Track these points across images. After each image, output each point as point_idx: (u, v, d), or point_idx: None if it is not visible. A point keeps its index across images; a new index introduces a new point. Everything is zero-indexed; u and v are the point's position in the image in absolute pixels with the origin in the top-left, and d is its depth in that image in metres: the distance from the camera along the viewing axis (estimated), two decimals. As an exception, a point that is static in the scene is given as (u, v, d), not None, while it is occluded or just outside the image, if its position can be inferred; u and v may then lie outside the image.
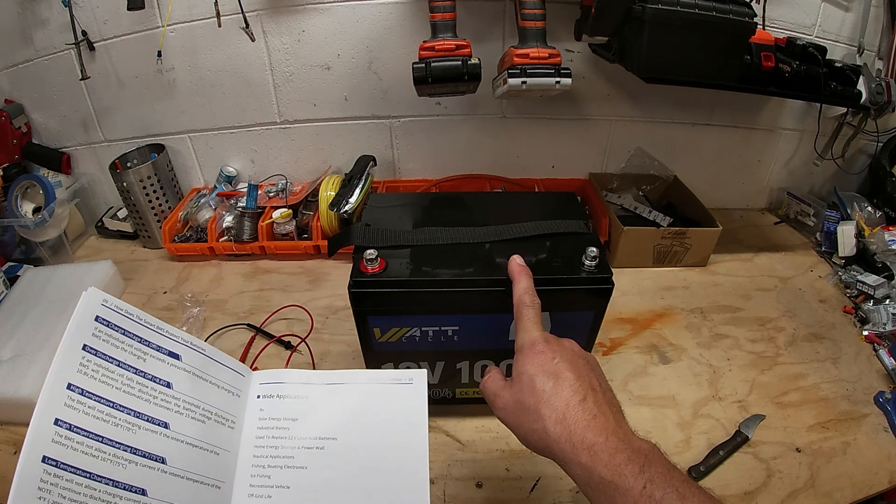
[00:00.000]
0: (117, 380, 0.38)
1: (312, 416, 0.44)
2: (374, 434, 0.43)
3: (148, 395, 0.39)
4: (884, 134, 1.02)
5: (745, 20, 0.71)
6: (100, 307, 0.39)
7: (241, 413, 0.45)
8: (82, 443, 0.35)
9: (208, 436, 0.42)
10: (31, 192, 0.96)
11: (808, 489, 0.59)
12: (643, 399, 0.70)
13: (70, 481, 0.33)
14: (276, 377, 0.47)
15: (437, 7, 0.74)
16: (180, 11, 0.88)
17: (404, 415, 0.44)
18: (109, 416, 0.37)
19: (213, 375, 0.44)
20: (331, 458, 0.42)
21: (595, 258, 0.52)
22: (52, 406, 0.35)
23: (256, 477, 0.42)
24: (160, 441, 0.39)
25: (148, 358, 0.40)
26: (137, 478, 0.36)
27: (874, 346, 0.78)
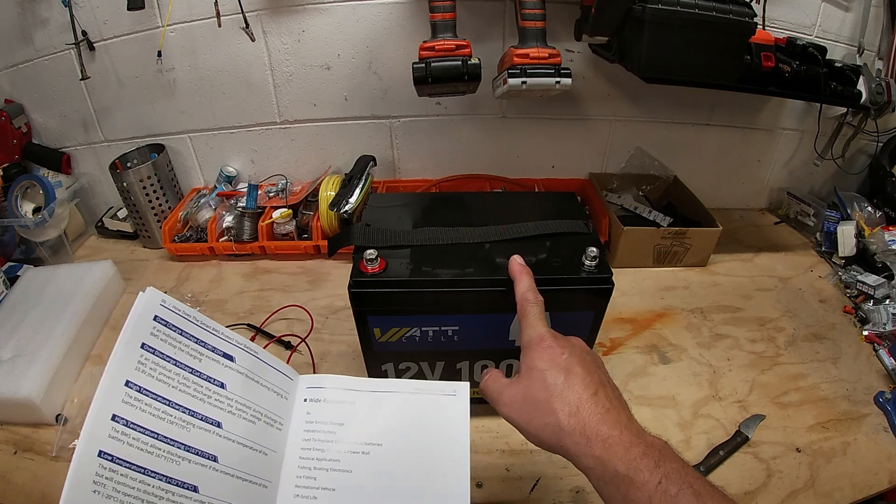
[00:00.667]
0: (174, 378, 0.39)
1: (358, 422, 0.45)
2: (418, 442, 0.44)
3: (203, 395, 0.40)
4: (884, 134, 1.02)
5: (745, 20, 0.71)
6: (158, 307, 0.39)
7: (289, 415, 0.46)
8: (138, 439, 0.36)
9: (258, 436, 0.43)
10: (31, 192, 0.96)
11: (808, 489, 0.59)
12: (643, 399, 0.70)
13: (125, 476, 0.34)
14: (322, 382, 0.48)
15: (437, 7, 0.74)
16: (180, 11, 0.88)
17: (447, 425, 0.44)
18: (165, 414, 0.37)
19: (264, 377, 0.45)
20: (376, 463, 0.43)
21: (595, 258, 0.52)
22: (109, 402, 0.35)
23: (302, 478, 0.43)
24: (213, 440, 0.39)
25: (203, 358, 0.41)
26: (190, 475, 0.37)
27: (874, 346, 0.78)
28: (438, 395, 0.46)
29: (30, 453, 0.62)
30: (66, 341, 0.71)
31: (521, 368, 0.41)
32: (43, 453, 0.62)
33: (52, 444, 0.62)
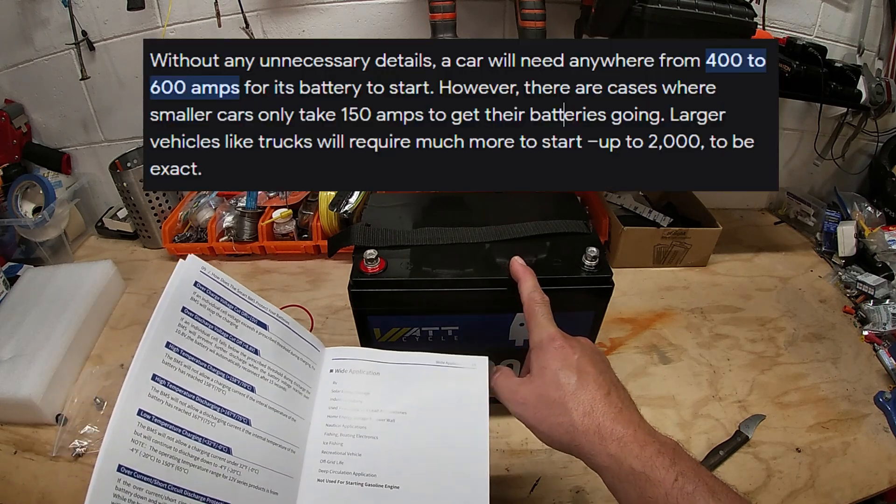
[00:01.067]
0: (212, 342, 0.40)
1: (383, 392, 0.46)
2: (441, 412, 0.45)
3: (238, 360, 0.41)
4: (884, 134, 1.02)
5: (745, 20, 0.71)
6: (199, 273, 0.41)
7: (316, 384, 0.47)
8: (177, 399, 0.37)
9: (288, 402, 0.44)
10: (31, 192, 0.96)
11: (808, 489, 0.59)
12: (643, 399, 0.70)
13: (162, 435, 0.35)
14: (348, 354, 0.49)
15: (437, 7, 0.74)
16: (180, 11, 0.88)
17: (467, 397, 0.46)
18: (203, 376, 0.39)
19: (295, 347, 0.47)
20: (401, 431, 0.44)
21: (595, 258, 0.52)
22: (150, 363, 0.36)
23: (329, 444, 0.44)
24: (247, 403, 0.41)
25: (239, 325, 0.43)
26: (224, 436, 0.38)
27: (874, 346, 0.78)
28: (459, 368, 0.47)
29: (30, 453, 0.62)
30: (66, 341, 0.71)
31: (532, 368, 0.41)
32: (43, 453, 0.62)
33: (52, 444, 0.62)
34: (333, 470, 0.43)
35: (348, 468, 0.43)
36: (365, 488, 0.42)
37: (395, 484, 0.42)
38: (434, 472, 0.43)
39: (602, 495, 0.58)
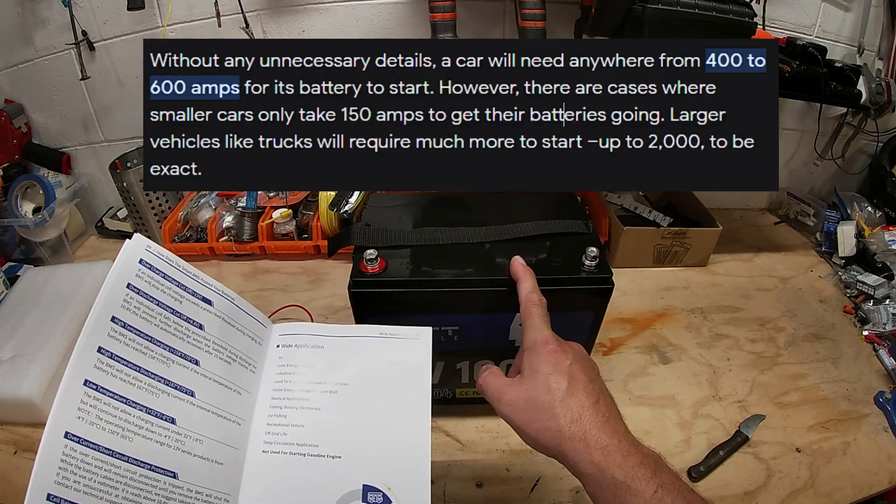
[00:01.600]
0: (156, 317, 0.41)
1: (328, 365, 0.47)
2: (383, 382, 0.46)
3: (182, 334, 0.42)
4: (884, 134, 1.02)
5: (745, 20, 0.71)
6: (144, 251, 0.42)
7: (262, 360, 0.48)
8: (121, 370, 0.38)
9: (233, 376, 0.45)
10: (31, 192, 0.96)
11: (808, 489, 0.59)
12: (643, 399, 0.70)
13: (108, 405, 0.36)
14: (295, 329, 0.50)
15: (437, 7, 0.74)
16: (180, 11, 0.88)
17: (411, 367, 0.47)
18: (147, 349, 0.40)
19: (240, 322, 0.47)
20: (343, 402, 0.45)
21: (595, 258, 0.52)
22: (96, 336, 0.38)
23: (274, 416, 0.45)
24: (190, 376, 0.42)
25: (184, 301, 0.44)
26: (168, 407, 0.40)
27: (874, 346, 0.78)
28: (403, 339, 0.48)
29: (30, 453, 0.62)
30: (66, 341, 0.70)
31: (523, 370, 0.41)
32: (43, 453, 0.62)
33: (52, 444, 0.62)
34: (278, 441, 0.44)
35: (292, 439, 0.44)
36: (308, 458, 0.43)
37: (337, 454, 0.43)
38: (375, 442, 0.44)
39: (602, 495, 0.58)
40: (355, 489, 0.42)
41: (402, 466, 0.43)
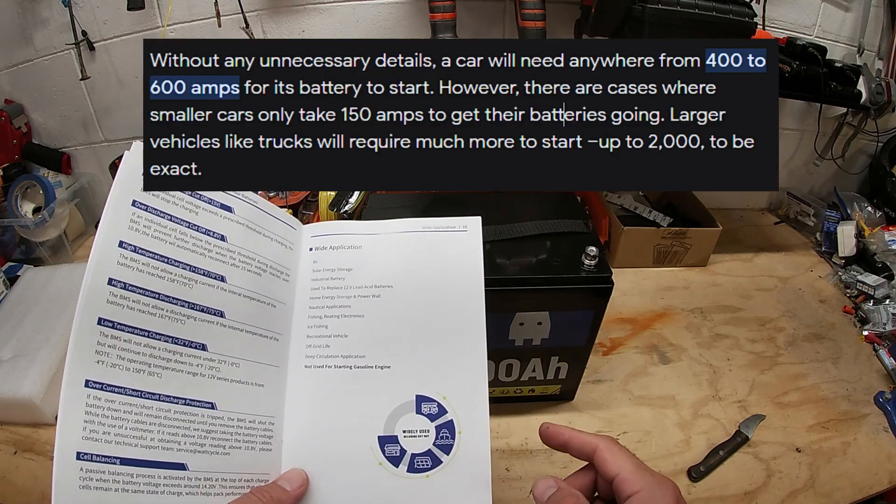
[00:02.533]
0: (170, 235, 0.37)
1: (367, 266, 0.43)
2: (431, 281, 0.42)
3: (202, 249, 0.38)
4: (884, 134, 1.02)
5: (745, 20, 0.71)
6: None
7: (295, 266, 0.44)
8: (138, 301, 0.34)
9: (264, 288, 0.41)
10: (31, 192, 0.96)
11: (808, 489, 0.59)
12: (643, 399, 0.70)
13: (128, 341, 0.33)
14: (328, 229, 0.46)
15: (437, 7, 0.74)
16: (180, 11, 0.88)
17: (460, 262, 0.43)
18: (165, 272, 0.36)
19: (267, 228, 0.43)
20: (388, 306, 0.41)
21: (595, 258, 0.52)
22: (104, 266, 0.33)
23: (314, 328, 0.41)
24: (217, 294, 0.38)
25: (200, 211, 0.39)
26: (197, 333, 0.36)
27: (874, 346, 0.78)
28: (449, 232, 0.44)
29: (30, 453, 0.62)
30: (66, 341, 0.70)
31: None
32: (43, 453, 0.62)
33: (52, 444, 0.62)
34: (320, 354, 0.40)
35: (335, 351, 0.40)
36: (355, 371, 0.40)
37: (386, 363, 0.40)
38: (427, 348, 0.40)
39: (602, 495, 0.58)
40: (408, 400, 0.39)
41: (456, 374, 0.39)
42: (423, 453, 0.38)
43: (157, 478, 0.33)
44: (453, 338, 0.40)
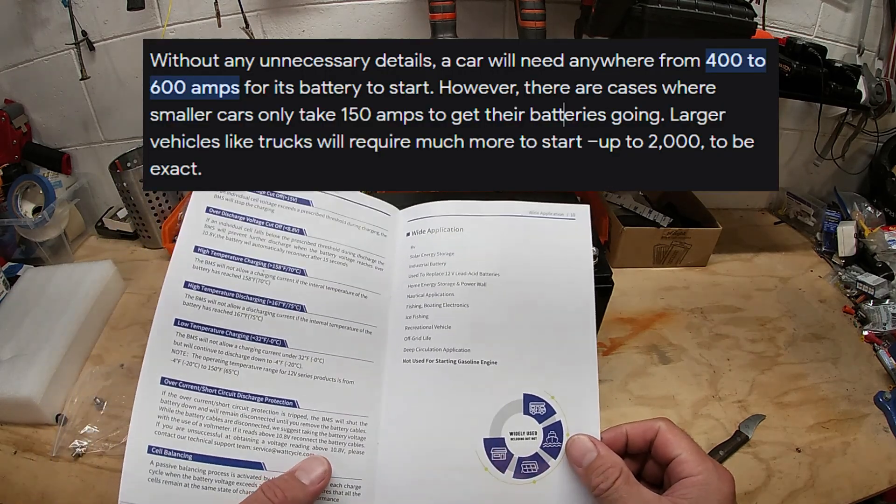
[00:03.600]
0: (245, 235, 0.38)
1: (470, 250, 0.40)
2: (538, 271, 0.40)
3: (280, 245, 0.38)
4: (884, 134, 1.02)
5: (745, 20, 0.71)
6: None
7: (391, 253, 0.42)
8: (214, 301, 0.35)
9: (352, 279, 0.39)
10: (31, 192, 0.96)
11: (808, 489, 0.59)
12: (643, 399, 0.70)
13: (204, 340, 0.34)
14: (426, 211, 0.43)
15: (437, 7, 0.74)
16: (180, 11, 0.88)
17: (568, 251, 0.40)
18: (240, 271, 0.36)
19: (352, 216, 0.42)
20: (494, 296, 0.39)
21: (594, 257, 0.52)
22: (181, 271, 0.35)
23: (413, 318, 0.39)
24: (296, 288, 0.37)
25: (276, 208, 0.40)
26: (275, 329, 0.36)
27: (874, 346, 0.78)
28: (557, 220, 0.41)
29: (30, 453, 0.62)
30: (66, 341, 0.71)
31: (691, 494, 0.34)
32: (43, 453, 0.62)
33: (52, 444, 0.62)
34: (420, 347, 0.38)
35: (437, 344, 0.38)
36: (459, 366, 0.37)
37: (493, 359, 0.37)
38: (534, 344, 0.38)
39: (602, 495, 0.58)
40: (515, 400, 0.36)
41: (565, 372, 0.37)
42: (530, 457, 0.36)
43: (231, 475, 0.32)
44: (562, 333, 0.38)
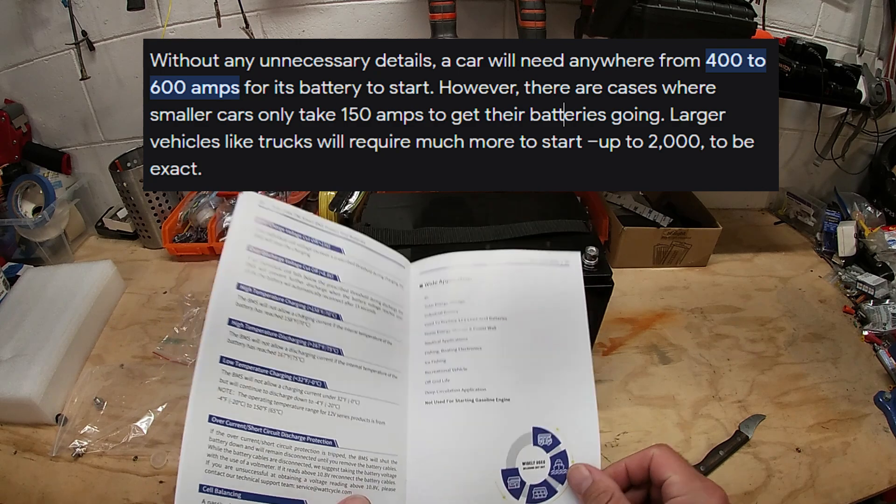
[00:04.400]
0: (285, 276, 0.38)
1: (479, 297, 0.43)
2: (541, 314, 0.43)
3: (317, 289, 0.39)
4: (884, 134, 1.02)
5: (745, 20, 0.71)
6: (258, 209, 0.39)
7: (406, 303, 0.44)
8: (258, 340, 0.35)
9: (379, 326, 0.41)
10: (31, 192, 0.96)
11: (808, 489, 0.59)
12: (643, 399, 0.70)
13: (249, 379, 0.34)
14: (436, 264, 0.46)
15: (437, 7, 0.74)
16: (180, 11, 0.88)
17: (564, 295, 0.44)
18: (282, 312, 0.37)
19: (376, 267, 0.44)
20: (504, 338, 0.42)
21: (594, 257, 0.52)
22: (223, 308, 0.35)
23: (432, 363, 0.42)
24: (334, 332, 0.39)
25: (312, 253, 0.40)
26: (316, 371, 0.37)
27: (874, 346, 0.78)
28: (552, 266, 0.45)
29: (30, 453, 0.62)
30: (66, 341, 0.71)
31: None
32: (43, 453, 0.62)
33: (52, 444, 0.62)
34: (440, 389, 0.40)
35: (456, 385, 0.40)
36: (476, 404, 0.40)
37: (506, 396, 0.40)
38: (541, 380, 0.41)
39: (602, 495, 0.58)
40: (526, 433, 0.39)
41: (568, 405, 0.40)
42: (539, 484, 0.39)
43: None
44: (563, 370, 0.41)
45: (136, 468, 0.60)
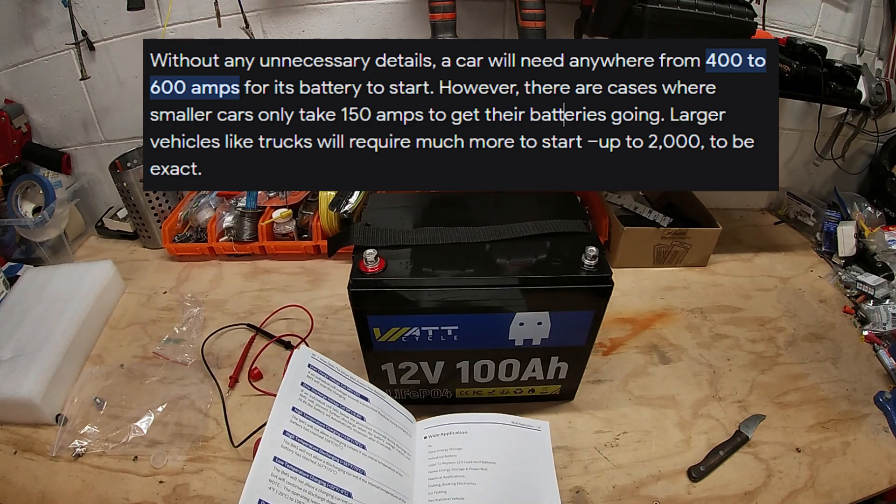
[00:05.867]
0: (326, 409, 0.50)
1: (473, 445, 0.56)
2: (520, 462, 0.55)
3: (349, 423, 0.51)
4: (884, 134, 1.02)
5: (745, 20, 0.71)
6: (311, 359, 0.52)
7: (413, 447, 0.56)
8: (303, 451, 0.45)
9: (393, 459, 0.52)
10: (31, 192, 0.96)
11: (808, 489, 0.59)
12: (643, 399, 0.70)
13: (294, 478, 0.43)
14: (438, 422, 0.58)
15: (437, 7, 0.74)
16: (180, 11, 0.88)
17: (537, 451, 0.57)
18: (323, 434, 0.48)
19: (392, 416, 0.56)
20: (494, 477, 0.53)
21: (595, 257, 0.52)
22: (281, 421, 0.45)
23: (434, 493, 0.52)
24: (360, 456, 0.49)
25: (346, 397, 0.52)
26: (344, 482, 0.46)
27: (874, 346, 0.78)
28: (527, 429, 0.58)
29: (30, 453, 0.62)
30: (66, 341, 0.71)
31: None
32: (43, 453, 0.62)
33: (52, 444, 0.62)
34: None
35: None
36: None
37: None
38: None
39: (602, 495, 0.58)
40: None
41: None
42: None
43: None
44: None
45: (136, 468, 0.60)
